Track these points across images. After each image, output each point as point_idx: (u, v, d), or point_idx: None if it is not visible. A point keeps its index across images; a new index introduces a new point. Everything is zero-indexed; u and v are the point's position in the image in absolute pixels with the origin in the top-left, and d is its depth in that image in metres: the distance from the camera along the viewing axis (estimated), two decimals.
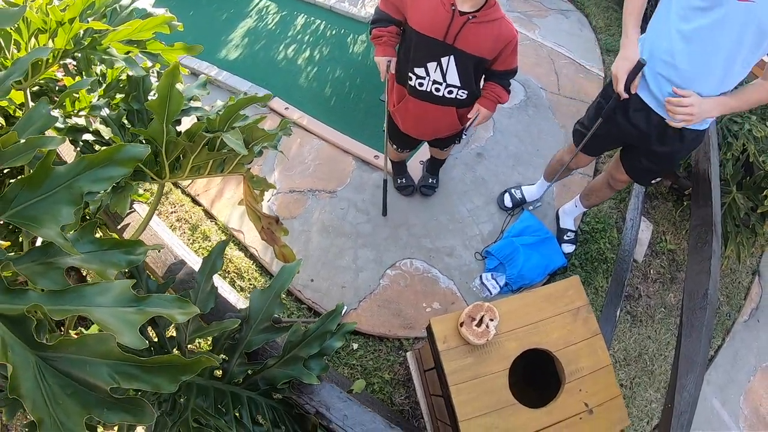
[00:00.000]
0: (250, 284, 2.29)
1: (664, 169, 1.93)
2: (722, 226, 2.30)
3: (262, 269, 2.37)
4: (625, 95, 1.63)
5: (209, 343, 2.01)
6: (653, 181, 2.82)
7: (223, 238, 2.47)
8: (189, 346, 1.22)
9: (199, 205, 2.59)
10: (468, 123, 1.86)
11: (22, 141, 0.76)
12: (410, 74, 1.79)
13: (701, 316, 1.49)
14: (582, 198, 2.44)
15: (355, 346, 2.16)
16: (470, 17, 1.58)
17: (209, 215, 2.55)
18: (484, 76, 1.84)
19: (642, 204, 2.63)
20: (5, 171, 1.43)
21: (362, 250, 2.44)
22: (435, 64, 1.72)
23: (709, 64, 1.46)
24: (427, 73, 1.76)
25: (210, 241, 2.40)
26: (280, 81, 3.23)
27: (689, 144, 1.75)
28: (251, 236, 2.44)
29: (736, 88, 1.56)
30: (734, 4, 1.34)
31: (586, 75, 3.45)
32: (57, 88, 1.43)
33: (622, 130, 1.79)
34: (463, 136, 2.13)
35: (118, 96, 1.38)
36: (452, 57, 1.68)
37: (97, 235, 0.94)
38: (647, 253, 2.66)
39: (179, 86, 1.03)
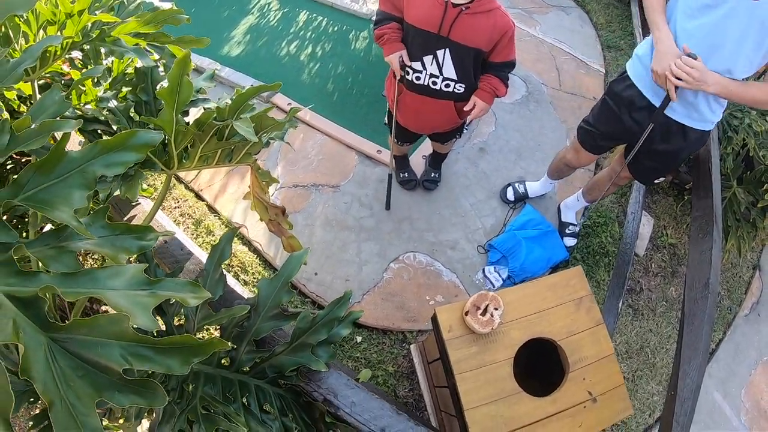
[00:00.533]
0: (254, 278, 2.30)
1: (667, 168, 1.94)
2: (723, 220, 2.31)
3: (266, 263, 2.38)
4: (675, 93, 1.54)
5: (214, 336, 2.02)
6: (656, 181, 2.83)
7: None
8: (197, 335, 1.23)
9: (203, 200, 2.60)
10: (467, 117, 1.86)
11: (36, 125, 0.77)
12: (407, 68, 1.81)
13: (703, 305, 1.51)
14: (584, 193, 2.45)
15: (359, 339, 2.17)
16: (463, 8, 1.59)
17: (213, 210, 2.56)
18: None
19: (643, 198, 2.64)
20: (8, 166, 1.43)
21: (366, 243, 2.45)
22: (431, 57, 1.73)
23: (711, 60, 1.47)
24: (424, 67, 1.77)
25: (214, 235, 2.41)
26: (283, 77, 3.24)
27: (692, 144, 1.75)
28: (255, 231, 2.45)
29: None
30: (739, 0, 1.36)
31: (587, 71, 3.46)
32: (63, 81, 1.44)
33: (626, 128, 1.80)
34: (465, 131, 2.14)
35: (125, 89, 1.39)
36: (448, 50, 1.70)
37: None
38: (648, 247, 2.68)
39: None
